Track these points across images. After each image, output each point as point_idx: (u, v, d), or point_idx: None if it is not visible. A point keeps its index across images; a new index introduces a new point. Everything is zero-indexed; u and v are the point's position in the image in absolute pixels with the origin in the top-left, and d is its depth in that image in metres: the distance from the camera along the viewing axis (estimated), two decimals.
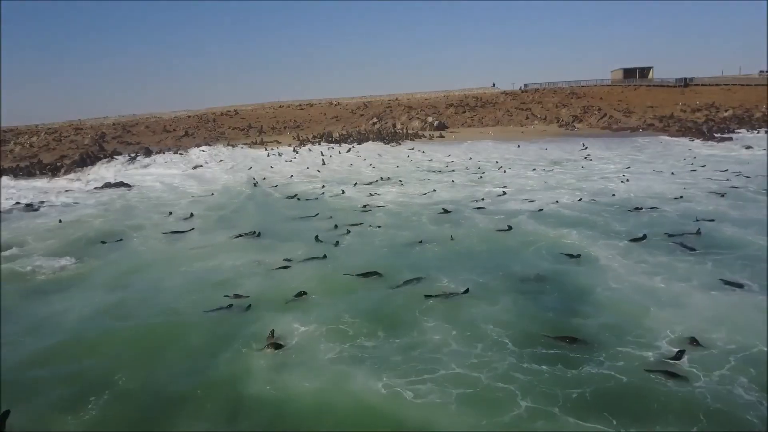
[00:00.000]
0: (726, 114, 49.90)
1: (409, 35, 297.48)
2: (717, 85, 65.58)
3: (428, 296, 10.66)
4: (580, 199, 19.51)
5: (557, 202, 19.39)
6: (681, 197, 19.42)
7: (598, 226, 15.77)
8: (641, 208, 17.52)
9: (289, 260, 13.67)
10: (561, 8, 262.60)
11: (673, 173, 25.11)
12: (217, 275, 13.04)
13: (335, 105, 77.69)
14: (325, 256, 13.86)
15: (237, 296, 11.20)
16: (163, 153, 39.72)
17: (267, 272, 12.95)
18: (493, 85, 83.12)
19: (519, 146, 39.15)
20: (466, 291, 10.88)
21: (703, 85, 66.05)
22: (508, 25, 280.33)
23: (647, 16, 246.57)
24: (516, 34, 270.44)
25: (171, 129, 62.27)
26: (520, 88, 74.50)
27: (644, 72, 73.69)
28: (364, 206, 20.63)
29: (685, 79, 67.08)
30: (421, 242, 15.00)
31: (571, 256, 12.86)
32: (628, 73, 73.48)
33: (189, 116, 78.69)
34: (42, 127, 76.52)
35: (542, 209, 18.08)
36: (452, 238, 15.03)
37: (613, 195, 20.19)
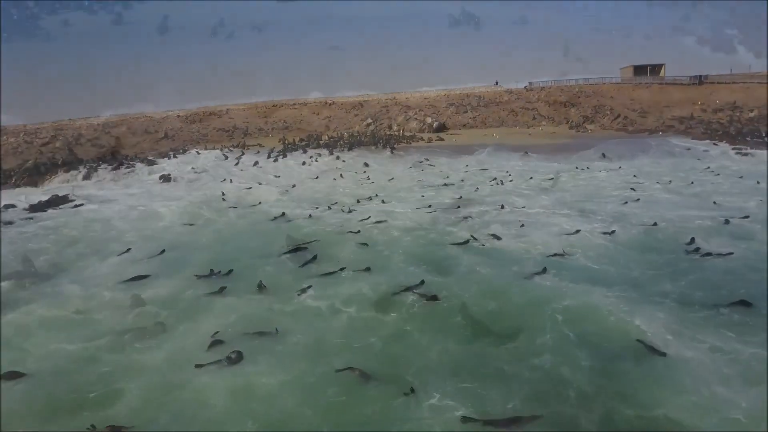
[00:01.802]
0: (752, 114, 45.64)
1: (410, 33, 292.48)
2: (734, 83, 61.23)
3: None
4: (614, 232, 15.46)
5: (578, 231, 15.46)
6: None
7: (643, 283, 11.68)
8: (717, 254, 12.92)
9: (220, 342, 9.69)
10: (560, 6, 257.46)
11: (715, 194, 21.02)
12: (95, 367, 9.06)
13: (330, 104, 73.49)
14: (275, 331, 10.04)
15: (113, 429, 7.26)
16: (131, 160, 35.71)
17: (177, 371, 8.92)
18: (496, 83, 78.78)
19: (527, 152, 35.05)
20: None
21: (719, 83, 61.71)
22: (509, 23, 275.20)
23: (648, 14, 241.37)
24: (517, 31, 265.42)
25: (152, 131, 58.18)
26: (525, 87, 70.17)
27: (655, 69, 69.36)
28: (346, 231, 16.88)
29: (700, 76, 62.76)
30: (407, 291, 11.38)
31: (653, 350, 8.43)
32: (639, 70, 69.09)
33: (178, 115, 74.58)
34: (31, 127, 72.31)
35: (562, 253, 13.74)
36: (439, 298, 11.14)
37: (654, 224, 16.05)
